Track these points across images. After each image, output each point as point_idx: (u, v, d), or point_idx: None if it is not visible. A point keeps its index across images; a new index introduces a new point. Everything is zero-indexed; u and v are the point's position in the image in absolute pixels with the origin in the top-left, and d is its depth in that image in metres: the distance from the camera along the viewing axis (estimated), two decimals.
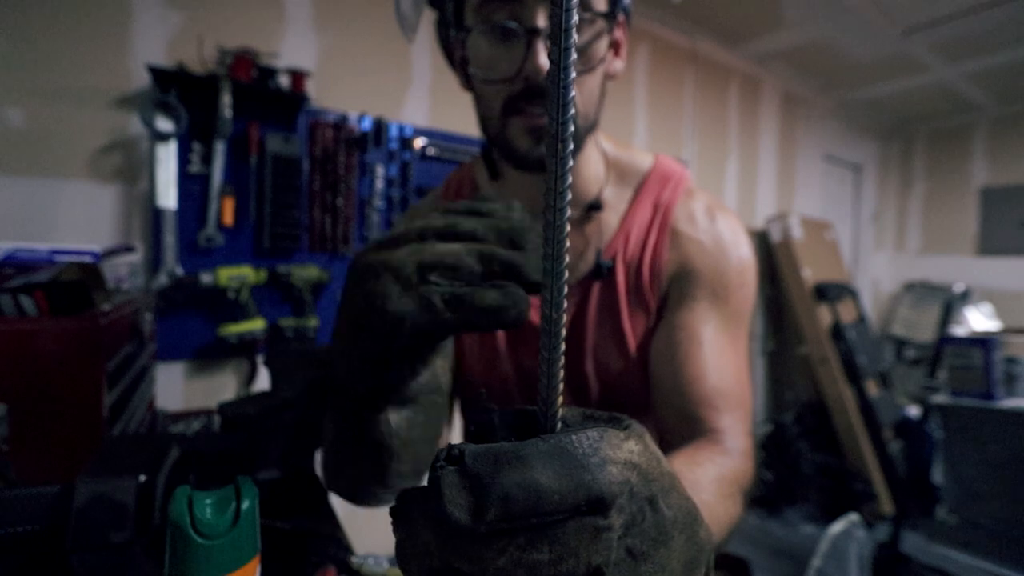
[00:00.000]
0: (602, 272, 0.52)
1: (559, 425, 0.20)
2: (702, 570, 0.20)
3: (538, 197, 0.55)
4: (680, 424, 0.49)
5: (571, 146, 0.18)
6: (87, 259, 0.97)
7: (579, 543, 0.16)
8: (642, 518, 0.18)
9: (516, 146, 0.48)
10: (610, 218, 0.55)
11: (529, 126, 0.46)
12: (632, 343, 0.54)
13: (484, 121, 0.51)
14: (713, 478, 0.40)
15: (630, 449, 0.18)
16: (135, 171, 1.54)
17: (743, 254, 0.54)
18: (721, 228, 0.55)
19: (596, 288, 0.53)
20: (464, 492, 0.16)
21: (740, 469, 0.44)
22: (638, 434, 0.19)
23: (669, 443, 0.51)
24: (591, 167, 0.55)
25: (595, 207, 0.54)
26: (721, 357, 0.50)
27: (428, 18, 0.56)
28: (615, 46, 0.53)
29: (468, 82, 0.53)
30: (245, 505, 0.29)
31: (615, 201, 0.56)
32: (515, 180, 0.56)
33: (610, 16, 0.47)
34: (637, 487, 0.18)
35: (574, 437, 0.17)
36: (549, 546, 0.16)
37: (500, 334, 0.57)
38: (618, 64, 0.54)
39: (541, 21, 0.43)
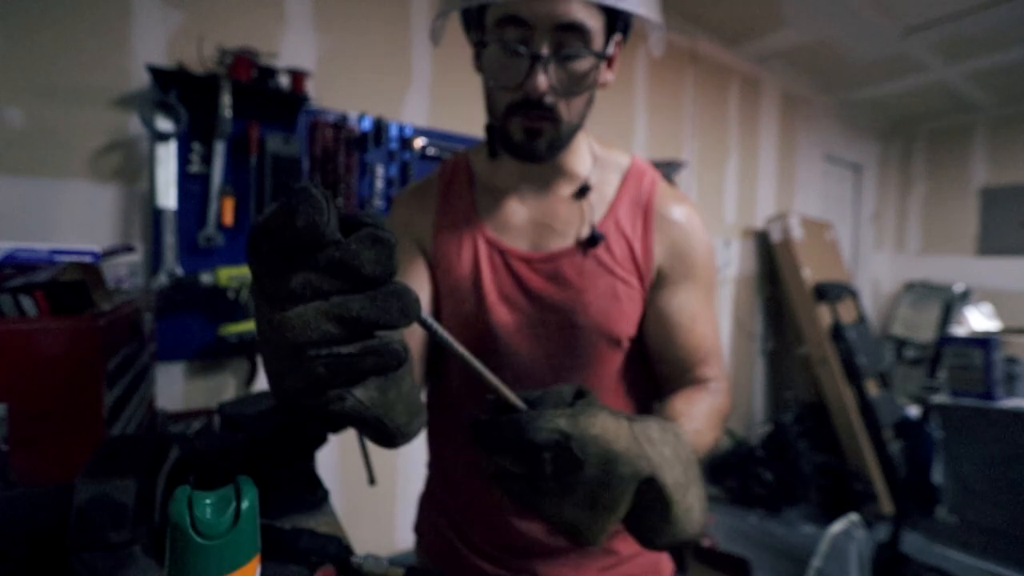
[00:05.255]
0: (596, 240, 0.62)
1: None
2: (617, 494, 0.35)
3: (527, 174, 0.66)
4: (679, 376, 0.63)
5: None
6: (87, 259, 0.97)
7: (527, 459, 0.34)
8: (566, 457, 0.34)
9: (514, 139, 0.58)
10: (599, 201, 0.65)
11: (526, 127, 0.56)
12: (624, 301, 0.63)
13: (491, 113, 0.61)
14: (704, 411, 0.55)
15: (558, 423, 0.34)
16: (135, 171, 1.54)
17: (707, 236, 0.66)
18: (691, 215, 0.65)
19: (593, 253, 0.63)
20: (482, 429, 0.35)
21: (722, 403, 0.60)
22: (574, 412, 0.35)
23: (671, 388, 0.64)
24: (581, 157, 0.66)
25: (585, 188, 0.64)
26: (706, 323, 0.63)
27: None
28: (609, 61, 0.61)
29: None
30: (245, 505, 0.29)
31: (603, 187, 0.66)
32: (508, 161, 0.65)
33: (604, 56, 0.56)
34: (562, 440, 0.34)
35: (527, 417, 0.34)
36: (515, 458, 0.35)
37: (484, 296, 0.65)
38: (609, 76, 0.62)
39: (544, 50, 0.52)
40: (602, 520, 0.35)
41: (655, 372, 0.66)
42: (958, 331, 2.41)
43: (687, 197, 0.68)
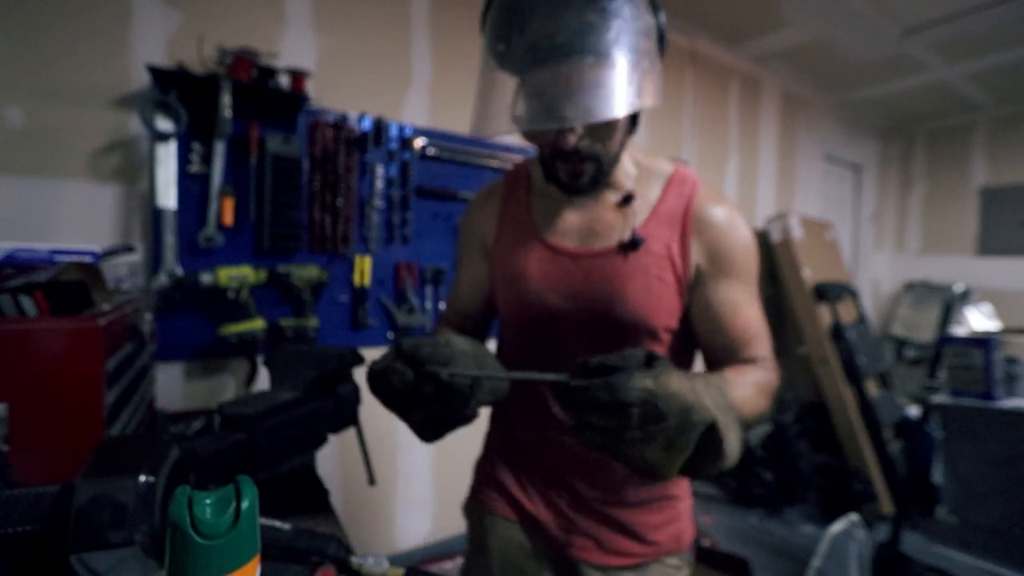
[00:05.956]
0: (636, 243, 0.69)
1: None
2: (689, 437, 0.44)
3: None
4: (729, 357, 0.70)
5: None
6: (87, 259, 0.97)
7: (619, 415, 0.43)
8: (654, 411, 0.42)
9: (560, 178, 0.69)
10: (643, 206, 0.72)
11: (568, 170, 0.67)
12: (657, 296, 0.70)
13: (540, 154, 0.71)
14: (753, 381, 0.63)
15: (646, 383, 0.43)
16: (135, 171, 1.54)
17: (748, 233, 0.72)
18: (731, 216, 0.71)
19: (632, 254, 0.70)
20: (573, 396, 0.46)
21: (771, 377, 0.67)
22: (655, 374, 0.44)
23: (720, 368, 0.70)
24: (625, 170, 0.73)
25: (629, 197, 0.71)
26: (750, 309, 0.70)
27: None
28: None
29: None
30: (245, 505, 0.29)
31: (646, 194, 0.73)
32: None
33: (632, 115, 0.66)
34: (649, 398, 0.42)
35: (616, 380, 0.43)
36: (606, 415, 0.44)
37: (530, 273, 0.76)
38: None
39: None
40: (676, 459, 0.44)
41: (707, 360, 0.73)
42: (958, 331, 2.41)
43: (726, 199, 0.73)
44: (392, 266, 1.99)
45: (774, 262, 3.35)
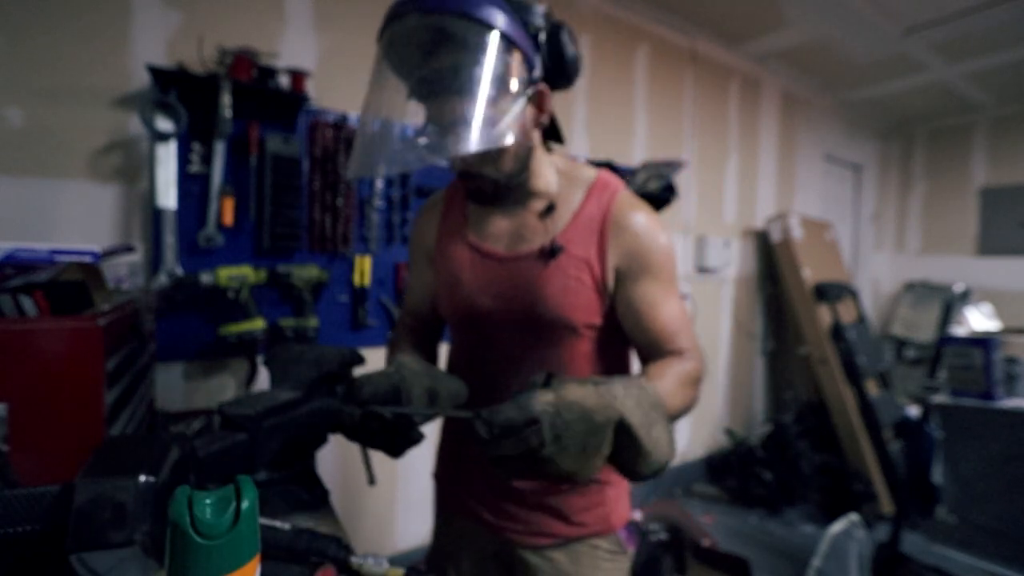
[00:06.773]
0: (555, 252, 0.75)
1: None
2: (600, 438, 0.48)
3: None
4: (655, 352, 0.74)
5: None
6: (87, 259, 0.97)
7: (529, 437, 0.47)
8: (559, 421, 0.47)
9: (469, 193, 0.78)
10: (565, 211, 0.78)
11: (469, 187, 0.76)
12: (575, 295, 0.75)
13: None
14: (675, 374, 0.66)
15: (547, 399, 0.48)
16: (135, 171, 1.54)
17: (664, 236, 0.77)
18: (646, 221, 0.76)
19: (552, 261, 0.75)
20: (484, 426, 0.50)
21: (694, 368, 0.70)
22: (554, 389, 0.49)
23: (649, 361, 0.75)
24: (546, 178, 0.79)
25: (551, 207, 0.77)
26: (669, 307, 0.74)
27: None
28: (538, 103, 0.72)
29: None
30: (245, 505, 0.29)
31: (569, 200, 0.78)
32: None
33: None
34: (553, 411, 0.48)
35: (520, 399, 0.49)
36: (518, 440, 0.48)
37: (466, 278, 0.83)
38: (543, 118, 0.73)
39: None
40: (593, 460, 0.49)
41: (639, 356, 0.79)
42: (958, 331, 2.41)
43: (644, 205, 0.79)
44: (392, 266, 1.99)
45: (774, 262, 3.36)
